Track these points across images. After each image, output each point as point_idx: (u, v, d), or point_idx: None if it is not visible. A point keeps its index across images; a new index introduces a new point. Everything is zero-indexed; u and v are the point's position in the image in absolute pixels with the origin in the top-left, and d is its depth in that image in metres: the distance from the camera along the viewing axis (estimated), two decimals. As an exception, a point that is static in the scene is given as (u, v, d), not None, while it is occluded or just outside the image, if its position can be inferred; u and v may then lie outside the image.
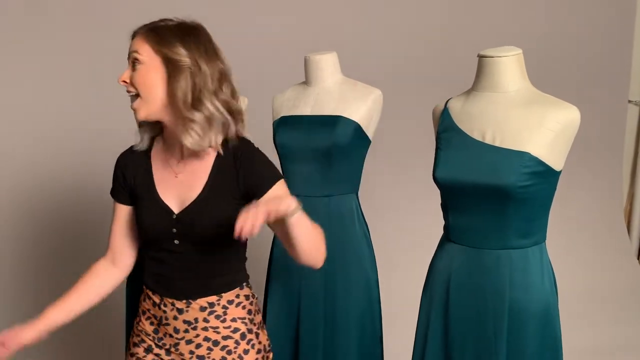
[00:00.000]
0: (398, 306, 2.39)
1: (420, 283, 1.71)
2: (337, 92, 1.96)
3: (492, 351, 1.49)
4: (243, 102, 2.10)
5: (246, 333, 1.48)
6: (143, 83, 1.37)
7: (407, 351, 1.87)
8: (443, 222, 1.61)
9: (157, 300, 1.50)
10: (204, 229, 1.41)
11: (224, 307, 1.47)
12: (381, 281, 2.03)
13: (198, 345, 1.47)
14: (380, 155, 2.37)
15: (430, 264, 1.64)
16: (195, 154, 1.42)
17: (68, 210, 2.90)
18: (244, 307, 1.50)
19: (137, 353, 1.54)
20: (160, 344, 1.52)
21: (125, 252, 1.54)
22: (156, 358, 1.52)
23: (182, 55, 1.35)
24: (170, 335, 1.49)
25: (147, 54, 1.37)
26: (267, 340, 1.57)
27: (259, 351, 1.50)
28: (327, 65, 1.96)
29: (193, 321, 1.47)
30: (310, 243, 1.37)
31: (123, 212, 1.53)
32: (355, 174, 1.99)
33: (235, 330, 1.48)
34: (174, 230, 1.43)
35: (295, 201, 1.28)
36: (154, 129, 1.47)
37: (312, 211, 1.92)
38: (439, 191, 1.58)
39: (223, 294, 1.47)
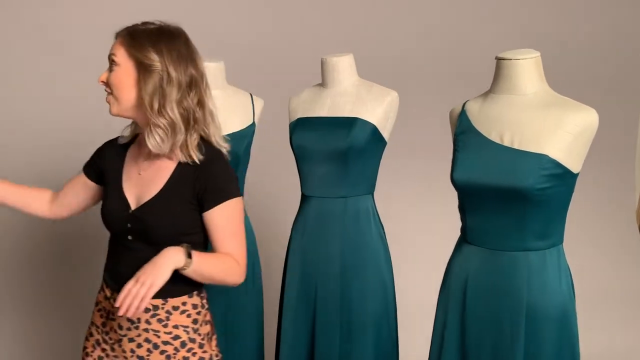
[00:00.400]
0: (413, 308, 2.39)
1: (435, 285, 1.71)
2: (354, 94, 1.97)
3: (509, 353, 1.49)
4: (259, 104, 2.12)
5: (187, 342, 1.48)
6: (116, 84, 1.42)
7: (422, 353, 1.87)
8: (459, 224, 1.61)
9: (108, 293, 1.53)
10: (156, 228, 1.43)
11: (168, 312, 1.47)
12: (396, 282, 2.03)
13: (139, 345, 1.48)
14: (396, 156, 2.38)
15: (447, 266, 1.64)
16: (160, 156, 1.46)
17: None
18: (188, 316, 1.49)
19: (87, 347, 1.58)
20: (106, 337, 1.54)
21: (64, 205, 1.65)
22: (102, 354, 1.55)
23: (153, 60, 1.39)
24: (115, 331, 1.51)
25: (122, 56, 1.41)
26: (216, 353, 1.55)
27: None
28: (344, 67, 1.97)
29: (136, 320, 1.47)
30: (208, 282, 1.46)
31: (82, 180, 1.62)
32: (371, 175, 1.99)
33: (176, 337, 1.48)
34: (129, 225, 1.46)
35: (181, 260, 1.34)
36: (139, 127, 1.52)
37: (328, 212, 1.95)
38: (455, 192, 1.59)
39: (169, 299, 1.47)
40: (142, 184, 1.48)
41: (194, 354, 1.49)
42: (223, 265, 1.43)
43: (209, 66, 2.03)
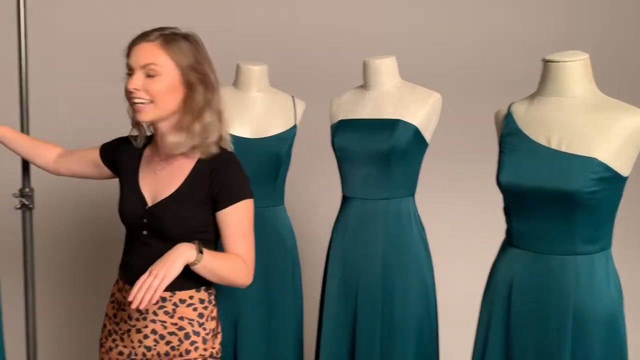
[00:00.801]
0: (455, 310, 2.38)
1: (477, 287, 1.71)
2: (396, 96, 1.98)
3: (555, 357, 1.48)
4: (300, 106, 2.14)
5: (190, 334, 1.53)
6: (160, 93, 1.44)
7: (464, 355, 1.87)
8: (501, 226, 1.60)
9: (121, 285, 1.61)
10: (171, 225, 1.50)
11: (175, 304, 1.53)
12: (438, 284, 2.03)
13: (146, 336, 1.54)
14: (438, 158, 2.38)
15: (492, 268, 1.64)
16: (179, 157, 1.52)
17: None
18: (194, 309, 1.54)
19: (102, 338, 1.66)
20: (117, 328, 1.61)
21: (65, 167, 1.75)
22: (112, 344, 1.61)
23: (199, 69, 1.46)
24: (125, 321, 1.58)
25: (165, 65, 1.44)
26: (217, 350, 1.58)
27: (202, 356, 1.54)
28: (386, 69, 1.98)
29: (144, 311, 1.53)
30: (217, 281, 1.50)
31: (94, 157, 1.70)
32: (413, 177, 2.00)
33: (181, 328, 1.53)
34: (145, 220, 1.52)
35: (192, 255, 1.40)
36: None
37: (370, 214, 1.96)
38: (500, 195, 1.58)
39: (177, 292, 1.52)
40: (159, 182, 1.55)
41: (196, 348, 1.54)
42: (233, 264, 1.49)
43: (252, 69, 2.07)
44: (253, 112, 2.06)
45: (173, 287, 1.46)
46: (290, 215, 2.15)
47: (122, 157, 1.63)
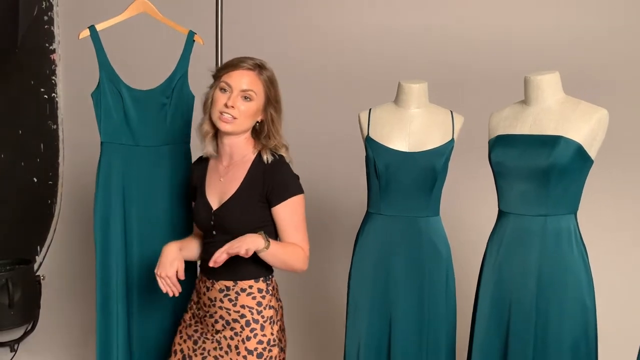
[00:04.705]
0: (616, 333, 2.26)
1: (637, 311, 1.63)
2: (558, 112, 1.94)
3: None
4: (458, 121, 2.19)
5: (250, 321, 1.77)
6: (248, 113, 1.75)
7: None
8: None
9: (200, 277, 1.91)
10: (233, 222, 1.77)
11: (237, 293, 1.78)
12: (598, 305, 1.95)
13: (216, 321, 1.82)
14: (602, 173, 2.27)
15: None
16: (237, 163, 1.81)
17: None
18: (253, 298, 1.78)
19: (186, 319, 1.95)
20: (198, 312, 1.90)
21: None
22: (191, 322, 1.91)
23: (278, 99, 1.80)
24: (201, 308, 1.88)
25: (259, 92, 1.75)
26: (277, 337, 1.78)
27: (260, 342, 1.76)
28: (548, 86, 1.95)
29: (214, 299, 1.82)
30: (280, 265, 1.77)
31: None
32: (575, 194, 1.94)
33: (242, 316, 1.78)
34: (212, 222, 1.80)
35: (262, 243, 1.68)
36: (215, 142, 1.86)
37: (526, 230, 1.94)
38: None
39: (238, 282, 1.78)
40: (222, 187, 1.82)
41: (255, 335, 1.75)
42: (293, 251, 1.77)
43: (412, 87, 2.17)
44: (411, 127, 2.15)
45: (234, 276, 1.76)
46: (446, 226, 2.20)
47: (195, 180, 1.92)
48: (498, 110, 2.12)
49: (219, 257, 1.66)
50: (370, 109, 2.22)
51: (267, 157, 1.78)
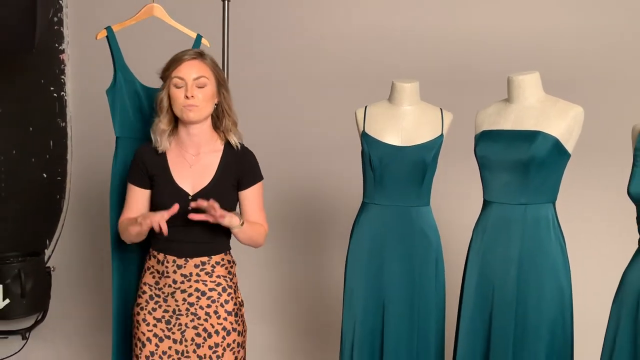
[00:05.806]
0: (590, 315, 2.42)
1: (610, 293, 1.77)
2: (538, 109, 2.10)
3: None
4: (448, 117, 2.35)
5: (227, 287, 2.02)
6: (207, 98, 1.94)
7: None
8: (634, 235, 1.67)
9: (160, 258, 2.01)
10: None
11: (212, 266, 2.00)
12: (574, 289, 2.08)
13: (190, 295, 1.99)
14: (582, 167, 2.44)
15: (622, 275, 1.71)
16: (207, 152, 1.99)
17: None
18: (226, 268, 2.05)
19: (141, 303, 2.04)
20: (159, 292, 2.02)
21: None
22: (155, 305, 2.02)
23: (224, 79, 2.00)
24: (169, 286, 2.00)
25: (210, 76, 1.95)
26: (241, 298, 2.09)
27: (235, 303, 2.03)
28: (529, 85, 2.11)
29: (189, 275, 1.99)
30: (247, 241, 2.05)
31: (142, 193, 2.04)
32: (553, 185, 2.08)
33: (219, 284, 2.01)
34: (189, 207, 1.90)
35: (238, 221, 1.94)
36: (171, 131, 2.02)
37: (508, 217, 2.09)
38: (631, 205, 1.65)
39: (212, 256, 2.01)
40: (195, 174, 1.98)
41: (232, 298, 2.00)
42: (259, 229, 2.06)
43: (404, 86, 2.33)
44: (404, 123, 2.31)
45: (208, 252, 1.98)
46: (436, 216, 2.35)
47: (152, 168, 2.03)
48: (484, 108, 2.27)
49: (218, 214, 1.85)
50: (365, 107, 2.39)
51: (235, 142, 2.02)
